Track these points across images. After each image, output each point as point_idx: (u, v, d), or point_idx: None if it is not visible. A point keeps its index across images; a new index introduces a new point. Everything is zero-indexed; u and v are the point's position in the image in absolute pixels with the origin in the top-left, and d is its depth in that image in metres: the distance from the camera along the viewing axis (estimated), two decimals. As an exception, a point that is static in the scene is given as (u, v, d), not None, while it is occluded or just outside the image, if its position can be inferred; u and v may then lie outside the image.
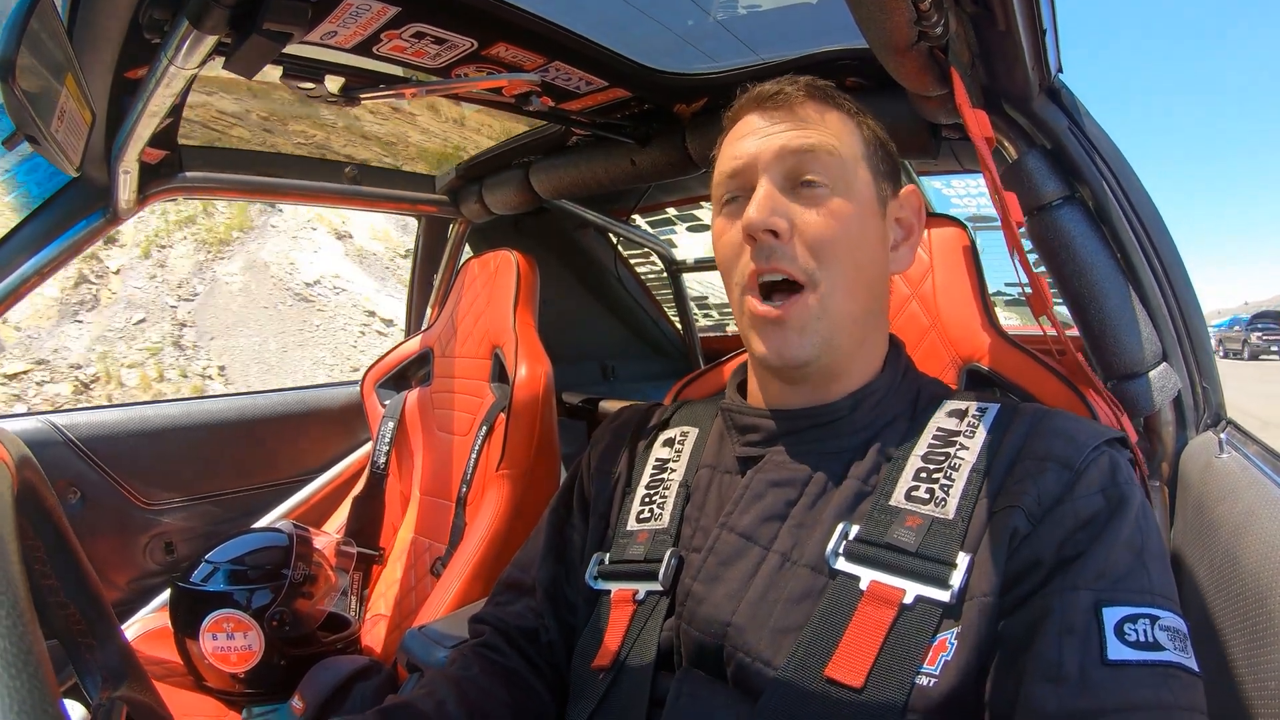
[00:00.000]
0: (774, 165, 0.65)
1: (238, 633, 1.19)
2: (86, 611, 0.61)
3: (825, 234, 0.63)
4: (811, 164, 0.64)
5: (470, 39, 0.97)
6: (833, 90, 0.70)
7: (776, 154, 0.65)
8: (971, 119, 0.71)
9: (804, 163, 0.65)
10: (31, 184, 1.27)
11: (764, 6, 1.11)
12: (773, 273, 0.64)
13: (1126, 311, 0.86)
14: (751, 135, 0.68)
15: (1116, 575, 0.52)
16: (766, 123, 0.67)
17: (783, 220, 0.63)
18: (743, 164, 0.67)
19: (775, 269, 0.63)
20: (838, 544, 0.60)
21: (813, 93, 0.68)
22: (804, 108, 0.67)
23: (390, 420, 1.71)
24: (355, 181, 1.77)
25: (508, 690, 0.74)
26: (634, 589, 0.70)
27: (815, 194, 0.64)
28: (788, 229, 0.63)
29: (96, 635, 0.61)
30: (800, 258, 0.63)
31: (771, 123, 0.67)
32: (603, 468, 0.83)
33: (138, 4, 0.79)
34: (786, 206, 0.64)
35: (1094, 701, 0.48)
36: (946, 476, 0.60)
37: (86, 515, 1.54)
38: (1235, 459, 0.76)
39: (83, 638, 0.61)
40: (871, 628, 0.55)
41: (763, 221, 0.63)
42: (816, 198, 0.64)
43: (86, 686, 0.61)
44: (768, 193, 0.64)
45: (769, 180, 0.65)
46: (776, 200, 0.64)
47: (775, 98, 0.68)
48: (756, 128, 0.68)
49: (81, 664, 0.61)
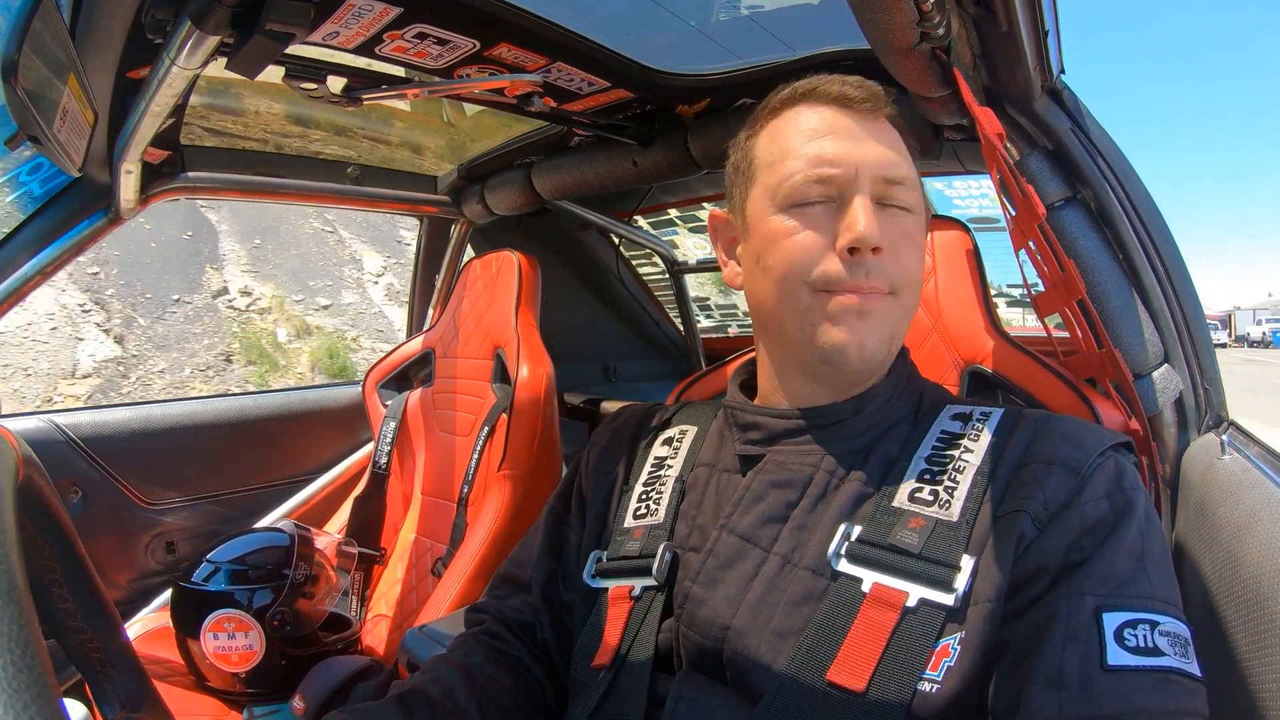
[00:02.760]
0: (873, 184, 0.64)
1: (239, 632, 1.19)
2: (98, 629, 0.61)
3: (913, 257, 0.67)
4: (901, 191, 0.66)
5: (472, 40, 0.97)
6: (891, 102, 0.69)
7: (878, 172, 0.65)
8: (981, 116, 0.71)
9: (895, 189, 0.65)
10: (34, 184, 1.28)
11: (766, 8, 1.11)
12: (872, 290, 0.63)
13: (1128, 312, 0.86)
14: (844, 138, 0.66)
15: (1118, 581, 0.52)
16: (849, 126, 0.66)
17: (886, 240, 0.63)
18: (839, 173, 0.64)
19: (874, 287, 0.63)
20: (839, 545, 0.60)
21: (884, 101, 0.68)
22: (879, 119, 0.67)
23: (392, 420, 1.71)
24: (357, 182, 1.77)
25: (511, 678, 0.74)
26: (630, 585, 0.70)
27: (902, 216, 0.66)
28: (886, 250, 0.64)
29: (113, 662, 0.62)
30: (893, 275, 0.64)
31: (856, 126, 0.66)
32: (600, 467, 0.83)
33: (140, 4, 0.79)
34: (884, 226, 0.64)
35: (1093, 707, 0.48)
36: (950, 479, 0.60)
37: (88, 514, 1.55)
38: (1237, 460, 0.76)
39: (100, 666, 0.62)
40: (874, 631, 0.55)
41: (877, 239, 0.62)
42: (903, 220, 0.66)
43: (104, 711, 0.63)
44: (868, 208, 0.63)
45: (867, 196, 0.64)
46: (877, 215, 0.64)
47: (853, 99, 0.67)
48: (845, 129, 0.66)
49: (100, 692, 0.62)
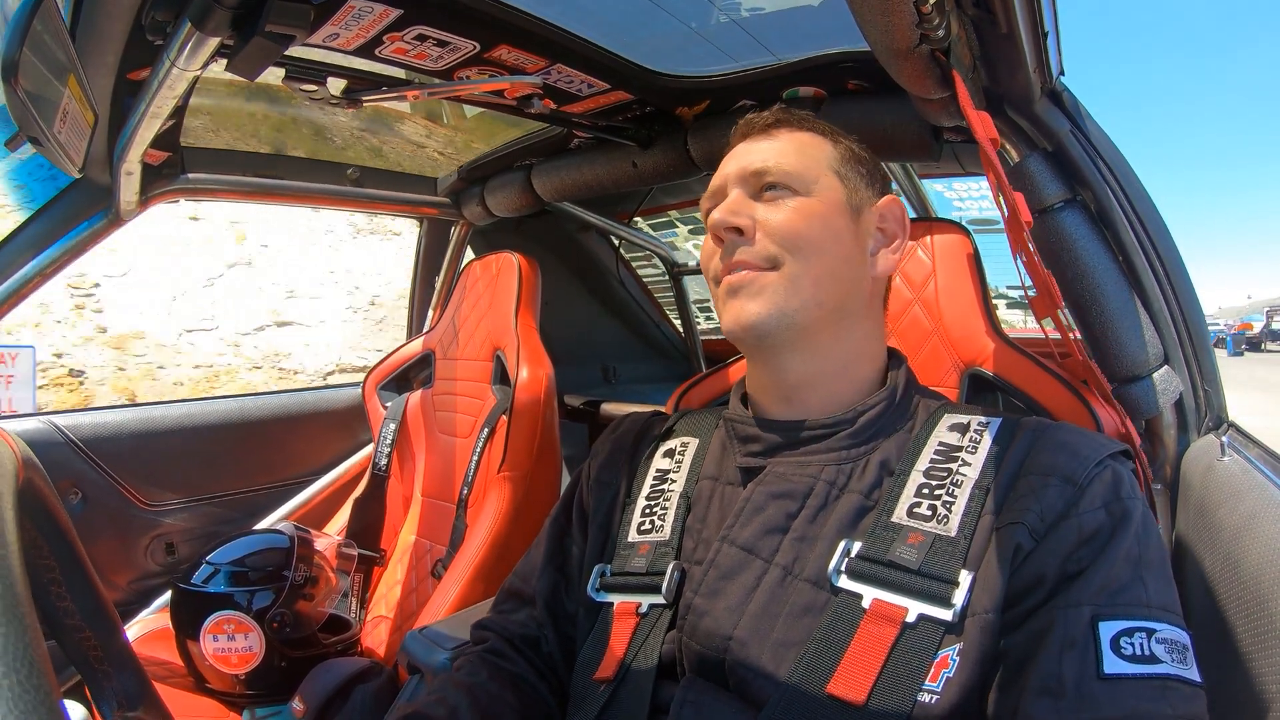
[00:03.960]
0: (744, 178, 0.71)
1: (239, 634, 1.19)
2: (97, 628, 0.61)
3: (786, 226, 0.67)
4: (776, 174, 0.69)
5: (472, 41, 0.98)
6: (809, 117, 0.76)
7: (740, 170, 0.71)
8: (976, 120, 0.71)
9: (769, 174, 0.70)
10: (34, 185, 1.28)
11: (766, 9, 1.11)
12: (737, 266, 0.68)
13: (1128, 314, 0.86)
14: (732, 159, 0.74)
15: (1114, 589, 0.52)
16: (742, 149, 0.74)
17: (746, 219, 0.68)
18: (720, 182, 0.73)
19: (738, 263, 0.68)
20: (839, 561, 0.60)
21: (786, 119, 0.75)
22: (779, 131, 0.74)
23: (392, 422, 1.71)
24: (357, 183, 1.76)
25: (516, 696, 0.74)
26: (637, 602, 0.70)
27: (777, 195, 0.69)
28: (751, 225, 0.68)
29: (111, 660, 0.62)
30: (762, 249, 0.67)
31: (750, 147, 0.73)
32: (602, 478, 0.83)
33: (140, 5, 0.79)
34: (752, 208, 0.69)
35: (1090, 716, 0.48)
36: (949, 493, 0.61)
37: (88, 516, 1.54)
38: (1237, 462, 0.76)
39: (99, 664, 0.62)
40: (873, 646, 0.56)
41: (723, 220, 0.68)
42: (778, 198, 0.69)
43: (102, 711, 0.63)
44: (734, 197, 0.70)
45: (737, 189, 0.71)
46: (742, 203, 0.70)
47: (755, 125, 0.75)
48: (737, 154, 0.74)
49: (99, 690, 0.62)
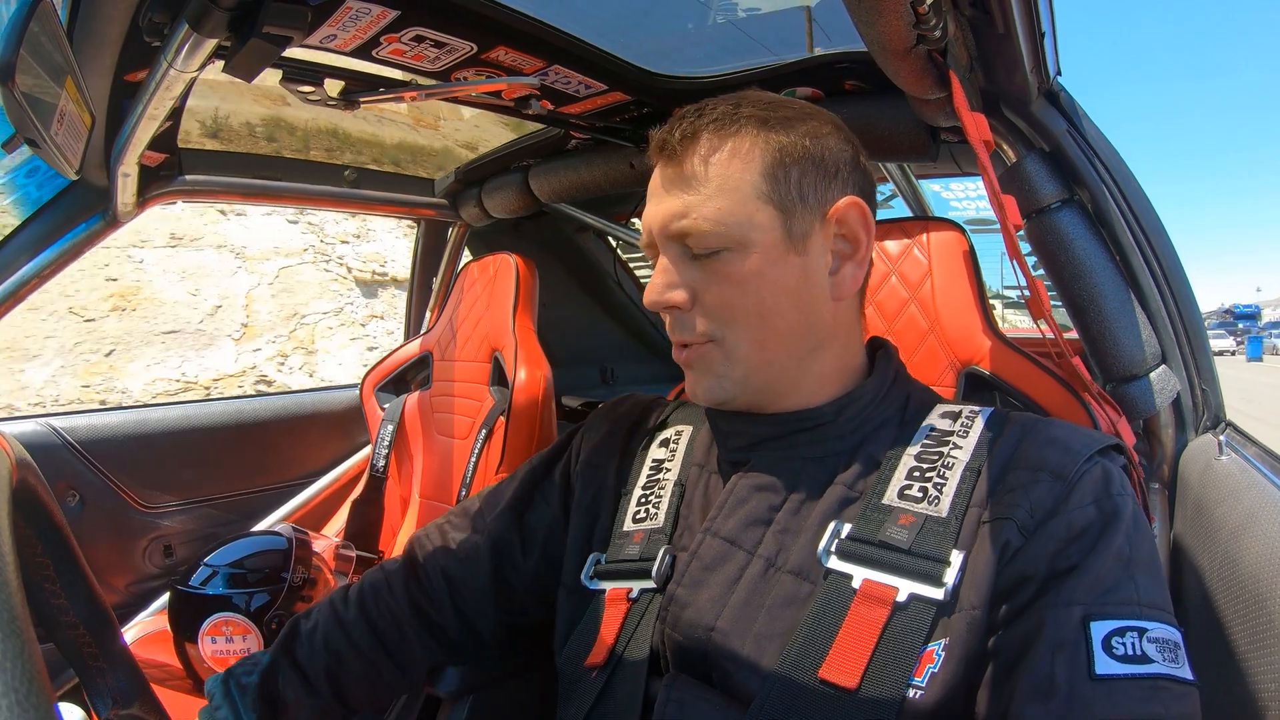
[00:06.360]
0: (667, 241, 0.66)
1: (237, 636, 1.19)
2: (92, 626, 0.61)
3: (721, 301, 0.64)
4: (696, 237, 0.63)
5: (470, 43, 0.97)
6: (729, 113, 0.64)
7: (662, 229, 0.65)
8: (970, 122, 0.72)
9: (689, 237, 0.63)
10: (31, 187, 1.27)
11: (763, 10, 1.11)
12: (688, 343, 0.66)
13: (1125, 314, 0.86)
14: (651, 198, 0.67)
15: (1105, 589, 0.52)
16: (660, 182, 0.66)
17: (679, 293, 0.65)
18: (645, 237, 0.68)
19: (681, 341, 0.66)
20: (829, 542, 0.60)
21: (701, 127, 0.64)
22: (692, 157, 0.63)
23: (390, 423, 1.71)
24: (354, 185, 1.76)
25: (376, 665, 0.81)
26: (628, 587, 0.70)
27: (712, 260, 0.63)
28: (687, 300, 0.65)
29: (107, 658, 0.62)
30: (699, 326, 0.65)
31: (664, 181, 0.66)
32: (593, 460, 0.82)
33: (137, 7, 0.79)
34: (687, 278, 0.65)
35: (1083, 717, 0.48)
36: (940, 475, 0.60)
37: (85, 518, 1.54)
38: (1235, 461, 0.76)
39: (94, 661, 0.62)
40: (865, 628, 0.55)
41: (654, 303, 0.65)
42: (713, 264, 0.63)
43: (96, 707, 0.62)
44: (662, 267, 0.66)
45: (665, 254, 0.66)
46: (671, 275, 0.65)
47: (665, 147, 0.65)
48: (655, 188, 0.67)
49: (93, 687, 0.62)
